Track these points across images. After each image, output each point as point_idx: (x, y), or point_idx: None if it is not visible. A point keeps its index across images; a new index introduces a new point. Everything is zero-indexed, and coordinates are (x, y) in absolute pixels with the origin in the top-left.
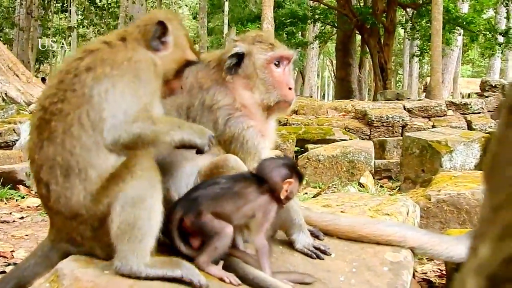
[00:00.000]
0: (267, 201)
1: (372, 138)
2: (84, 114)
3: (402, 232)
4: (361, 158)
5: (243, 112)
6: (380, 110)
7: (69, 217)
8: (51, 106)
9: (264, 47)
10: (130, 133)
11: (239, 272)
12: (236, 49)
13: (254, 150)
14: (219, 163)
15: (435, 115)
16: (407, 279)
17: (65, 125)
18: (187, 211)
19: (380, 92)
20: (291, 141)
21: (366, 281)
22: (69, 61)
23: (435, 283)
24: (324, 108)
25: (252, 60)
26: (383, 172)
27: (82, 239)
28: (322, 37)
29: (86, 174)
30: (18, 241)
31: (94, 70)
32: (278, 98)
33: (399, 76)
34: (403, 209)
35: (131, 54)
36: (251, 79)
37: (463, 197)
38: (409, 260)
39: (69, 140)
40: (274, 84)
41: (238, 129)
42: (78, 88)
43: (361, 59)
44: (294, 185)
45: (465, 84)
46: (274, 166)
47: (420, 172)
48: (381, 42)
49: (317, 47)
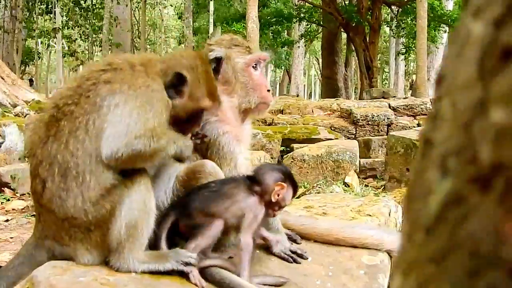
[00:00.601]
0: (256, 202)
1: (358, 137)
2: (91, 121)
3: (379, 235)
4: (346, 158)
5: (219, 117)
6: (365, 109)
7: (61, 218)
8: (64, 106)
9: (242, 50)
10: (131, 148)
11: (216, 277)
12: (215, 54)
13: (230, 155)
14: (196, 169)
15: (420, 113)
16: (383, 282)
17: (73, 126)
18: (180, 216)
19: (366, 91)
20: (276, 141)
21: (342, 285)
22: (91, 70)
23: None
24: (309, 107)
25: (231, 65)
26: (368, 171)
27: (70, 240)
28: (308, 35)
29: (83, 179)
30: (3, 244)
31: (111, 84)
32: (259, 100)
33: (385, 74)
34: (385, 209)
35: (150, 83)
36: (230, 84)
37: None
38: (385, 263)
39: (73, 142)
40: (254, 87)
41: (214, 135)
42: (92, 95)
43: (347, 57)
44: (287, 191)
45: None
46: (268, 168)
47: (405, 171)
48: (366, 40)
49: (303, 46)
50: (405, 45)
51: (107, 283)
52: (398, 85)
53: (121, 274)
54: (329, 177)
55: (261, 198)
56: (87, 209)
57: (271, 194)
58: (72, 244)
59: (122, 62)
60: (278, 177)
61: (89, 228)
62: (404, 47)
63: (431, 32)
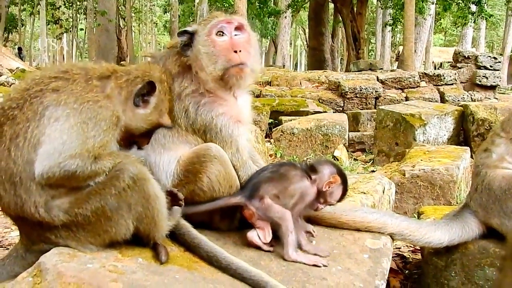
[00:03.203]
0: (308, 186)
1: (346, 110)
2: (30, 129)
3: (382, 219)
4: (335, 131)
5: (211, 98)
6: (353, 81)
7: (32, 222)
8: (9, 110)
9: (206, 22)
10: (63, 168)
11: (222, 263)
12: (186, 28)
13: (229, 138)
14: (200, 152)
15: (408, 86)
16: (386, 266)
17: (13, 133)
18: (250, 198)
19: (353, 62)
20: (265, 113)
21: (346, 269)
22: (44, 74)
23: (409, 258)
24: (297, 79)
25: (197, 38)
26: (357, 145)
27: (56, 238)
28: (295, 5)
29: (27, 186)
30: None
31: (58, 94)
32: (223, 65)
33: (372, 45)
34: (379, 187)
35: (100, 99)
36: (198, 57)
37: (437, 173)
38: (388, 247)
39: (14, 149)
40: (215, 53)
41: (209, 118)
42: (36, 102)
43: (334, 28)
44: (338, 188)
45: (437, 53)
46: (328, 162)
47: (393, 145)
48: (354, 11)
49: (290, 16)
50: (393, 16)
51: (115, 270)
52: (384, 56)
53: (129, 260)
54: (318, 151)
55: (313, 185)
56: (45, 215)
57: (324, 184)
58: (61, 241)
59: (78, 73)
60: (334, 171)
61: (70, 228)
62: (392, 18)
63: (419, 3)
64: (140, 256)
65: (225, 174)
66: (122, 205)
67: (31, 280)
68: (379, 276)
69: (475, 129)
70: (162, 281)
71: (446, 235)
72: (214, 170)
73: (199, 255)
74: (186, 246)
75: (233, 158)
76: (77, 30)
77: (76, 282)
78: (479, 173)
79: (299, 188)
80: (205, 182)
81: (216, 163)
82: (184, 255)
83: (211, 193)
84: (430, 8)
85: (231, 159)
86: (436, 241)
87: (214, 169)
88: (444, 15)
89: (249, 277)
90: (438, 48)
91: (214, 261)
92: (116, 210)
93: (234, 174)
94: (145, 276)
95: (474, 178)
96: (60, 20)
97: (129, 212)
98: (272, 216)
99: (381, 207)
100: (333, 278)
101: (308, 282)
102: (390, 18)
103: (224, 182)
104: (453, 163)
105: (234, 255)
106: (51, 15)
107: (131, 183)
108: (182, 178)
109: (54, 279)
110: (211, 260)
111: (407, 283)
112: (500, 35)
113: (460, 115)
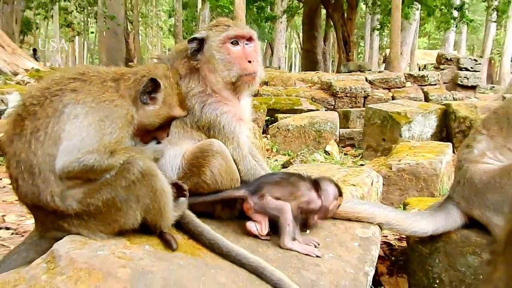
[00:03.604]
0: (315, 197)
1: (337, 108)
2: (51, 125)
3: (371, 209)
4: (327, 128)
5: (217, 98)
6: (344, 82)
7: (47, 211)
8: (30, 106)
9: (219, 29)
10: (82, 163)
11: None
12: (195, 35)
13: (231, 134)
14: (203, 147)
15: (394, 86)
16: (375, 254)
17: (34, 128)
18: (252, 193)
19: (344, 64)
20: (262, 111)
21: (338, 256)
22: (63, 75)
23: (395, 245)
24: (292, 80)
25: (209, 44)
26: (347, 140)
27: (70, 226)
28: (290, 11)
29: (45, 177)
30: (9, 206)
31: (77, 94)
32: (238, 72)
33: (361, 48)
34: (368, 180)
35: (115, 98)
36: (211, 62)
37: (421, 167)
38: (377, 235)
39: (34, 142)
40: (231, 61)
41: (214, 116)
42: (56, 100)
43: (326, 32)
44: (337, 206)
45: (422, 56)
46: (331, 182)
47: (381, 141)
48: (344, 16)
49: (285, 21)
50: (380, 21)
51: (124, 256)
52: (372, 58)
53: (137, 247)
54: (311, 146)
55: (319, 199)
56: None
57: (331, 203)
58: (74, 229)
59: (94, 75)
60: (337, 192)
61: (82, 217)
62: (379, 23)
63: (405, 9)
64: (147, 243)
65: (226, 167)
66: (131, 197)
67: (45, 266)
68: (368, 263)
69: (457, 126)
70: (167, 266)
71: (430, 225)
72: (217, 164)
73: (202, 242)
74: (190, 234)
75: (234, 153)
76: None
77: (87, 267)
78: (461, 168)
79: (306, 195)
80: (208, 175)
81: (218, 158)
82: (188, 242)
83: (213, 185)
84: (415, 14)
85: (232, 154)
86: (421, 230)
87: (216, 163)
88: (428, 20)
89: (247, 263)
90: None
91: (216, 248)
92: (126, 201)
93: (234, 168)
94: (152, 262)
95: (457, 172)
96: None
97: (137, 204)
98: (270, 211)
99: (370, 198)
100: (326, 264)
101: (302, 268)
102: (378, 23)
103: (226, 175)
104: (436, 157)
105: (234, 243)
106: (64, 19)
107: (139, 177)
108: (187, 171)
109: (66, 265)
110: (213, 247)
111: (393, 269)
112: (480, 38)
113: (443, 113)
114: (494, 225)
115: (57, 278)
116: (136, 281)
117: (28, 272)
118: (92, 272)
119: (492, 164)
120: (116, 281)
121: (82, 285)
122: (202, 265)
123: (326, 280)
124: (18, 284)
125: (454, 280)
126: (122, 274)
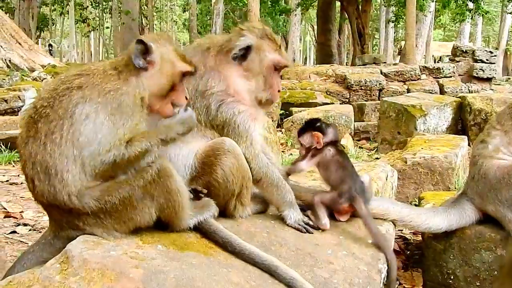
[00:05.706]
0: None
1: (351, 101)
2: (65, 126)
3: (385, 206)
4: (341, 121)
5: (235, 98)
6: (359, 74)
7: (63, 210)
8: (41, 108)
9: (273, 46)
10: (104, 162)
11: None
12: (247, 42)
13: (245, 133)
14: (215, 146)
15: (409, 79)
16: None
17: (48, 130)
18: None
19: (358, 56)
20: (276, 105)
21: (351, 254)
22: (67, 74)
23: (410, 239)
24: (306, 73)
25: (259, 56)
26: (362, 134)
27: (84, 225)
28: (304, 4)
29: (62, 177)
30: (27, 202)
31: (83, 90)
32: (267, 97)
33: (376, 40)
34: (383, 174)
35: (119, 86)
36: (251, 72)
37: (437, 160)
38: (391, 232)
39: (50, 144)
40: (270, 84)
41: (230, 115)
42: (65, 100)
43: (341, 25)
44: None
45: (437, 48)
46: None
47: (396, 134)
48: (359, 8)
49: (300, 14)
50: (395, 13)
51: (136, 256)
52: (387, 51)
53: (149, 247)
54: None
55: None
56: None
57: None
58: (88, 228)
59: (96, 68)
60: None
61: (98, 215)
62: (394, 15)
63: (420, 1)
64: (159, 243)
65: (238, 166)
66: (146, 196)
67: (58, 266)
68: (381, 260)
69: (472, 118)
70: (180, 266)
71: (444, 221)
72: (228, 163)
73: (215, 241)
74: (202, 233)
75: (247, 151)
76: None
77: (100, 268)
78: (476, 163)
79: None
80: (219, 173)
81: (230, 156)
82: (200, 241)
83: (224, 184)
84: (430, 6)
85: (245, 152)
86: (435, 226)
87: (227, 162)
88: (443, 12)
89: (260, 262)
90: (438, 43)
91: (229, 247)
92: (141, 200)
93: (246, 166)
94: (164, 262)
95: (471, 168)
96: (88, 19)
97: (152, 202)
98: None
99: (385, 193)
100: (339, 262)
101: (315, 266)
102: (393, 15)
103: (237, 174)
104: (451, 151)
105: (247, 241)
106: (79, 15)
107: (156, 178)
108: (199, 170)
109: (80, 265)
110: (226, 245)
111: (408, 263)
112: (496, 30)
113: (458, 106)
114: (508, 220)
115: (71, 279)
116: (149, 281)
117: (42, 272)
118: (105, 272)
119: (506, 160)
120: (129, 281)
121: (95, 285)
122: (214, 264)
123: (339, 278)
124: (32, 284)
125: (469, 276)
126: (135, 274)
